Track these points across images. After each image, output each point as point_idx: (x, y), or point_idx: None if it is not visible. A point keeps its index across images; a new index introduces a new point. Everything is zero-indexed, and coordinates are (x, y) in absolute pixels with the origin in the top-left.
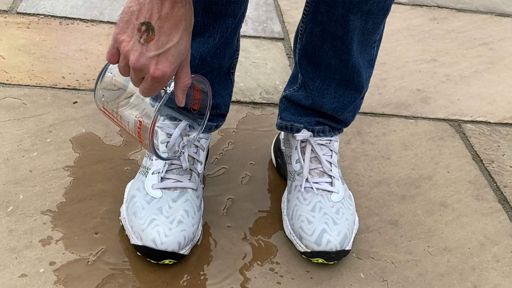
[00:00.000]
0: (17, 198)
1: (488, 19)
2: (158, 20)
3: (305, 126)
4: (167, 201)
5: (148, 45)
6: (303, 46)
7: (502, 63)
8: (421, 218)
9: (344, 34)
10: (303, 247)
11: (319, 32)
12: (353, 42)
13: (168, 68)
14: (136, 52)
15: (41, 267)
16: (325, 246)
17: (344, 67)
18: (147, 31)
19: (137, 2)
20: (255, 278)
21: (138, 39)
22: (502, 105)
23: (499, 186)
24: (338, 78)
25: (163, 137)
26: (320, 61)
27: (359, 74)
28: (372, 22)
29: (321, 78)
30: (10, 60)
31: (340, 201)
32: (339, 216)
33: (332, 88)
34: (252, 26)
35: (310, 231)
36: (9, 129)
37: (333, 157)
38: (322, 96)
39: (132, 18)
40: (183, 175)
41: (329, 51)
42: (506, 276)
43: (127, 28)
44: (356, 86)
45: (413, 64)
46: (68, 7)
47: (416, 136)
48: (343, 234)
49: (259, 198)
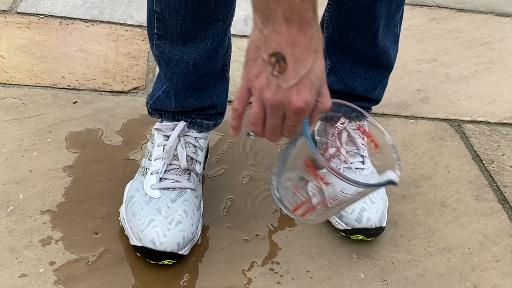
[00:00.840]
0: (17, 198)
1: (488, 19)
2: (288, 47)
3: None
4: (166, 202)
5: (283, 76)
6: (330, 34)
7: (502, 63)
8: (421, 218)
9: (371, 21)
10: (343, 225)
11: (344, 21)
12: (379, 27)
13: (310, 95)
14: (272, 86)
15: (41, 267)
16: (366, 223)
17: (372, 51)
18: (278, 61)
19: (261, 34)
20: (255, 278)
21: (271, 72)
22: (502, 105)
23: (499, 186)
24: (367, 60)
25: (160, 140)
26: (347, 47)
27: (387, 54)
28: (396, 5)
29: (350, 62)
30: (10, 60)
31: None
32: (374, 195)
33: (362, 70)
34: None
35: (350, 209)
36: (9, 129)
37: (364, 139)
38: (354, 78)
39: (259, 52)
40: (182, 175)
41: (356, 38)
42: (506, 276)
43: (256, 64)
44: (385, 65)
45: (413, 64)
46: (68, 7)
47: (416, 136)
48: (381, 211)
49: (259, 198)
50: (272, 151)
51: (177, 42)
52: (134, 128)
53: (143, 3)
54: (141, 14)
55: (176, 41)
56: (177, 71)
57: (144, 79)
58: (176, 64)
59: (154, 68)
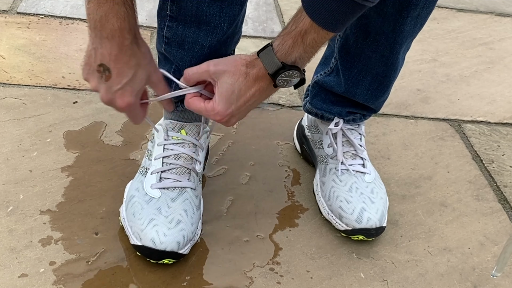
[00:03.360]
0: (17, 198)
1: (488, 19)
2: (111, 62)
3: (335, 116)
4: (166, 201)
5: (108, 83)
6: (346, 36)
7: (502, 63)
8: (421, 218)
9: (390, 32)
10: (344, 225)
11: (363, 25)
12: (397, 42)
13: (131, 97)
14: (101, 89)
15: (41, 267)
16: (366, 224)
17: (383, 63)
18: (104, 71)
19: (92, 46)
20: (255, 278)
21: (100, 78)
22: (502, 105)
23: (499, 186)
24: (375, 72)
25: (160, 139)
26: (360, 52)
27: (395, 71)
28: (420, 25)
29: (358, 69)
30: (10, 60)
31: (373, 181)
32: (374, 195)
33: (367, 80)
34: (252, 26)
35: (350, 210)
36: (9, 129)
37: (362, 140)
38: (356, 86)
39: (90, 60)
40: (182, 175)
41: (371, 45)
42: (506, 276)
43: (89, 69)
44: (390, 80)
45: (413, 64)
46: (68, 7)
47: (416, 136)
48: (381, 211)
49: (259, 198)
50: (272, 151)
51: (191, 24)
52: (134, 128)
53: (143, 3)
54: (141, 14)
55: (190, 23)
56: (191, 54)
57: None
58: (190, 46)
59: None
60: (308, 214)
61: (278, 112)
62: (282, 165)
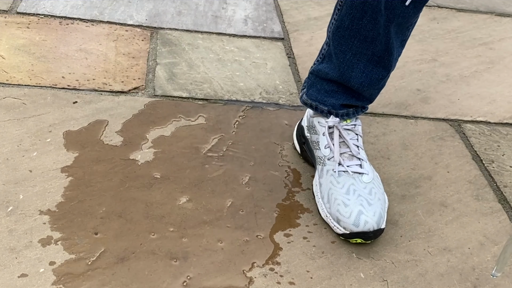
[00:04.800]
0: (17, 198)
1: (488, 19)
2: None
3: (329, 109)
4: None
5: None
6: (341, 17)
7: (502, 63)
8: (421, 218)
9: (384, 9)
10: (341, 229)
11: (359, 5)
12: (393, 20)
13: None
14: None
15: (41, 267)
16: (363, 227)
17: (378, 42)
18: None
19: None
20: (255, 278)
21: None
22: (502, 105)
23: (499, 186)
24: (370, 53)
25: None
26: (355, 34)
27: (390, 53)
28: (413, 6)
29: (352, 52)
30: (10, 60)
31: (371, 181)
32: (372, 197)
33: (362, 63)
34: (252, 26)
35: (347, 213)
36: (9, 129)
37: (359, 141)
38: (351, 69)
39: None
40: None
41: (367, 24)
42: (506, 276)
43: None
44: (385, 64)
45: (413, 64)
46: (68, 7)
47: (416, 136)
48: (378, 213)
49: (259, 198)
50: (272, 151)
51: None
52: (134, 128)
53: (143, 3)
54: (141, 14)
55: None
56: None
57: (144, 79)
58: None
59: (154, 68)
60: (308, 214)
61: (278, 112)
62: (282, 165)
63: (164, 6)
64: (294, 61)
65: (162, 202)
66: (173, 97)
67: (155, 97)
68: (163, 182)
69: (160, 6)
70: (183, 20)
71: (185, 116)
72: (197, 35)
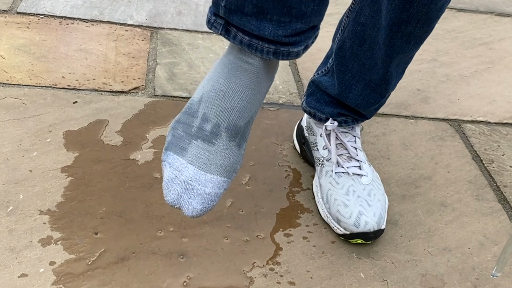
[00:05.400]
0: (17, 198)
1: (488, 19)
2: None
3: (327, 116)
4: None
5: None
6: (343, 39)
7: (502, 63)
8: (421, 218)
9: (382, 44)
10: (342, 229)
11: (360, 32)
12: (392, 56)
13: None
14: None
15: (41, 267)
16: (364, 228)
17: (376, 72)
18: None
19: None
20: (255, 278)
21: None
22: (502, 105)
23: (499, 186)
24: (367, 79)
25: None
26: (355, 58)
27: (388, 83)
28: (415, 43)
29: (351, 74)
30: (10, 60)
31: (370, 183)
32: (371, 198)
33: (360, 86)
34: None
35: (348, 214)
36: (9, 129)
37: (356, 142)
38: (349, 91)
39: None
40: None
41: (366, 52)
42: (506, 276)
43: None
44: (381, 91)
45: (413, 64)
46: (68, 7)
47: (416, 136)
48: (378, 214)
49: (259, 198)
50: (272, 151)
51: None
52: (134, 128)
53: (143, 3)
54: (141, 14)
55: None
56: None
57: (144, 79)
58: None
59: (154, 68)
60: (308, 214)
61: (278, 112)
62: (282, 165)
63: (164, 6)
64: (294, 61)
65: (162, 202)
66: (173, 97)
67: (155, 97)
68: None
69: (160, 6)
70: (183, 20)
71: None
72: (197, 35)
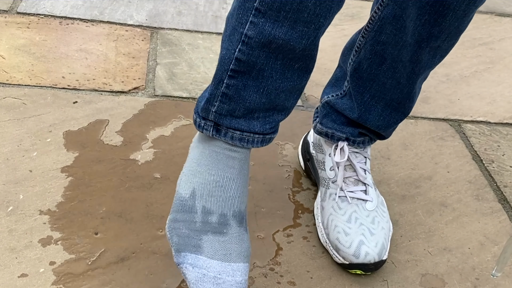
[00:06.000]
0: (17, 198)
1: (488, 19)
2: None
3: (348, 136)
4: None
5: None
6: (359, 60)
7: (502, 63)
8: (421, 218)
9: (408, 61)
10: (341, 259)
11: (380, 51)
12: (419, 73)
13: None
14: None
15: (41, 267)
16: (364, 259)
17: (398, 91)
18: None
19: None
20: (255, 278)
21: None
22: (502, 105)
23: (499, 186)
24: (389, 98)
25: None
26: (374, 78)
27: (412, 100)
28: (440, 56)
29: (370, 94)
30: (10, 60)
31: (375, 209)
32: (375, 226)
33: (380, 106)
34: None
35: (348, 243)
36: (9, 129)
37: (367, 164)
38: (368, 112)
39: None
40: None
41: (387, 71)
42: (506, 276)
43: None
44: (405, 110)
45: None
46: (68, 7)
47: (416, 136)
48: (380, 244)
49: (259, 198)
50: (272, 151)
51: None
52: (134, 128)
53: (143, 3)
54: (141, 14)
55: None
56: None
57: (144, 79)
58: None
59: (154, 68)
60: (308, 214)
61: None
62: (282, 165)
63: (164, 6)
64: None
65: (162, 202)
66: (173, 97)
67: (155, 97)
68: (163, 182)
69: (160, 6)
70: (183, 20)
71: (185, 116)
72: (197, 35)
